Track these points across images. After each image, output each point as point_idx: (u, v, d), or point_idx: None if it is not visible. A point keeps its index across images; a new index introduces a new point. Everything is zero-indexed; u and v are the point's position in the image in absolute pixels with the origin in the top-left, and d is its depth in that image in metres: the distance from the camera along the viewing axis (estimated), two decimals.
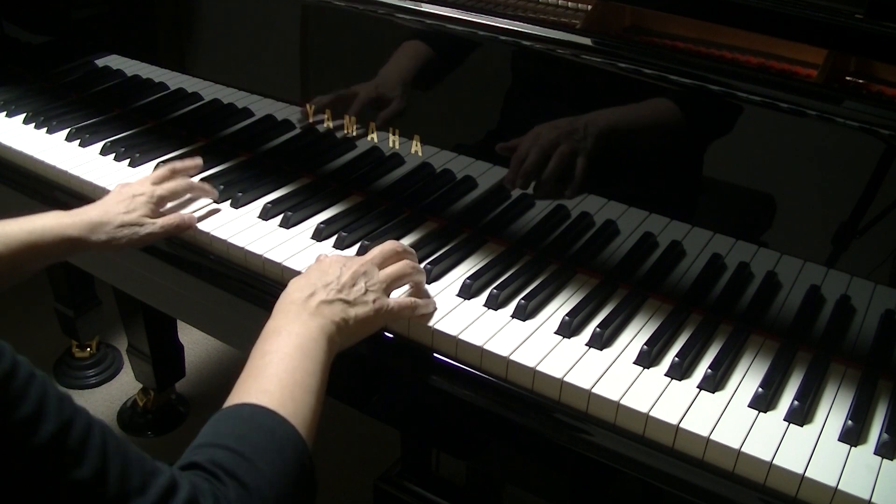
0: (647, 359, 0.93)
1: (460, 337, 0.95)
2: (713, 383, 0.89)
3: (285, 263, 1.07)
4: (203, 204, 1.20)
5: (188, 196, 1.19)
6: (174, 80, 1.40)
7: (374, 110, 1.16)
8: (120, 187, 1.13)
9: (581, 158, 1.02)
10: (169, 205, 1.16)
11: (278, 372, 0.78)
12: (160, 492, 0.61)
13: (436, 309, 0.99)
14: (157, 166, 1.30)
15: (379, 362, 1.01)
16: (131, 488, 0.60)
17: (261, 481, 0.68)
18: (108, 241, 1.05)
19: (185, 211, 1.17)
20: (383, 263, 0.97)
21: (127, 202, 1.08)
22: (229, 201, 1.21)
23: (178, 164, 1.20)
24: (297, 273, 1.05)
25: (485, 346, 0.94)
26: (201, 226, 1.15)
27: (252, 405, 0.74)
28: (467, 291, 1.02)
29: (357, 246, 1.11)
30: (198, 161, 1.23)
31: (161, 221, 1.10)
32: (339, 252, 1.11)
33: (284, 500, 0.70)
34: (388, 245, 0.99)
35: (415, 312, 0.97)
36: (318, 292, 0.88)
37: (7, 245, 0.95)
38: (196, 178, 1.26)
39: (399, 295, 0.99)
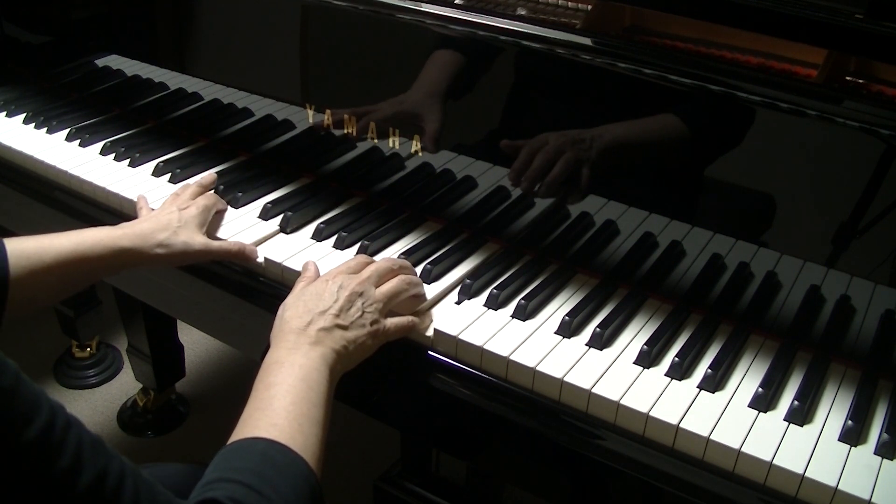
0: (647, 359, 0.93)
1: (460, 337, 0.95)
2: (713, 383, 0.89)
3: (285, 263, 1.07)
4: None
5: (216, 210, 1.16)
6: (174, 80, 1.40)
7: (411, 126, 1.15)
8: (168, 202, 1.12)
9: (585, 168, 1.02)
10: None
11: (285, 405, 0.78)
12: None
13: (432, 320, 0.99)
14: (156, 167, 1.30)
15: (379, 362, 1.01)
16: (107, 495, 0.60)
17: None
18: (160, 255, 1.02)
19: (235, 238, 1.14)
20: (379, 281, 0.96)
21: (177, 215, 1.06)
22: (229, 201, 1.21)
23: (205, 180, 1.19)
24: (297, 273, 1.05)
25: (485, 346, 0.94)
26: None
27: (265, 440, 0.74)
28: (467, 291, 1.02)
29: (357, 246, 1.11)
30: (213, 176, 1.23)
31: (218, 244, 1.07)
32: (338, 252, 1.11)
33: None
34: (384, 263, 0.99)
35: (414, 330, 0.97)
36: (315, 320, 0.88)
37: (56, 258, 0.93)
38: (196, 178, 1.26)
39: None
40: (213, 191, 1.20)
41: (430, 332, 0.97)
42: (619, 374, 0.91)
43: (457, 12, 1.06)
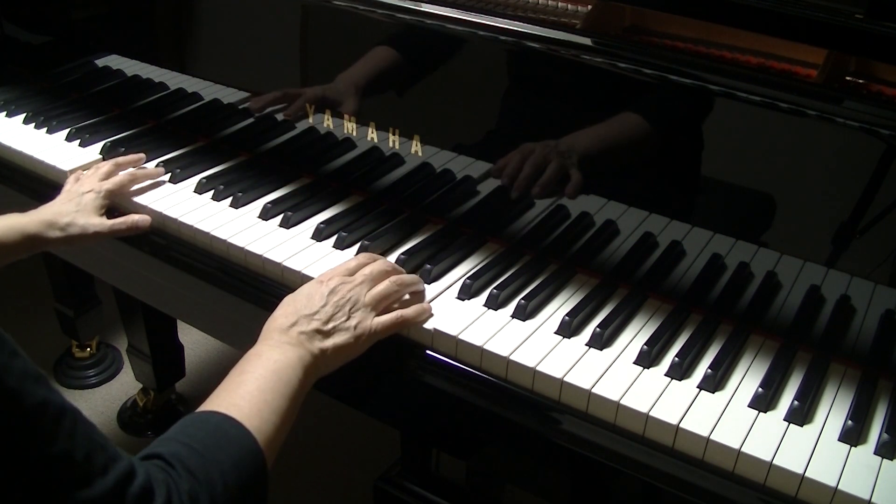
0: (647, 359, 0.93)
1: (460, 337, 0.95)
2: (713, 383, 0.89)
3: (285, 263, 1.07)
4: (197, 208, 1.20)
5: (143, 184, 1.24)
6: (174, 80, 1.40)
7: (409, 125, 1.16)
8: (70, 184, 1.20)
9: (574, 171, 1.03)
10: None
11: (251, 390, 0.83)
12: (119, 476, 0.65)
13: (430, 316, 0.99)
14: (156, 166, 1.30)
15: (379, 362, 1.01)
16: (94, 469, 0.64)
17: (214, 479, 0.73)
18: (62, 238, 1.12)
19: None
20: (373, 284, 0.97)
21: (76, 200, 1.15)
22: (229, 201, 1.21)
23: (122, 159, 1.27)
24: (297, 273, 1.05)
25: (485, 346, 0.94)
26: (201, 226, 1.15)
27: (221, 414, 0.79)
28: (467, 291, 1.02)
29: (357, 246, 1.11)
30: (140, 155, 1.30)
31: (111, 223, 1.16)
32: (338, 252, 1.11)
33: (232, 502, 0.74)
34: (379, 265, 1.00)
35: (404, 326, 0.97)
36: (300, 322, 0.91)
37: None
38: (196, 178, 1.26)
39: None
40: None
41: (429, 332, 0.97)
42: (619, 374, 0.91)
43: (457, 12, 1.06)
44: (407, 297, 1.00)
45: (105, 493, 0.64)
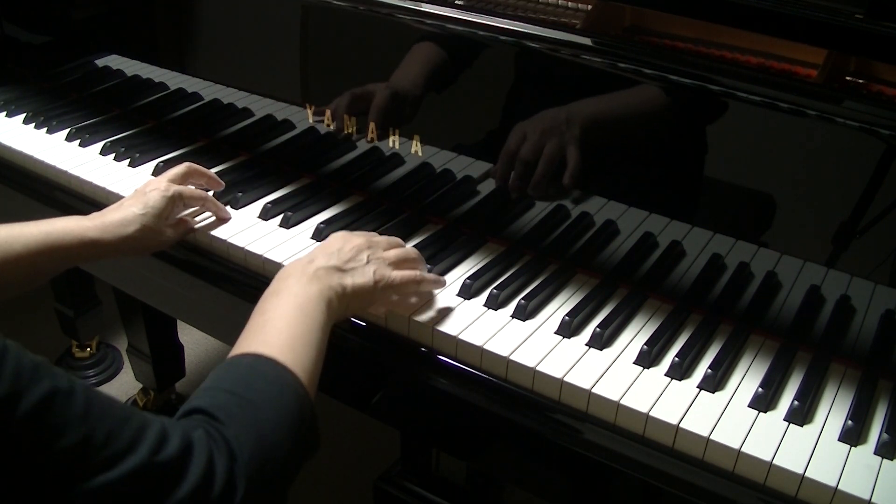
0: (647, 359, 0.93)
1: (460, 337, 0.95)
2: (713, 383, 0.89)
3: (285, 263, 1.07)
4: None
5: (205, 206, 1.15)
6: (174, 80, 1.40)
7: (390, 116, 1.15)
8: (142, 187, 1.10)
9: (572, 149, 1.02)
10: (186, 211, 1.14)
11: (279, 327, 0.80)
12: (151, 445, 0.61)
13: (444, 284, 1.01)
14: (156, 167, 1.30)
15: (379, 362, 1.01)
16: (119, 448, 0.60)
17: (261, 422, 0.69)
18: (123, 246, 1.03)
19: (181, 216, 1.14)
20: (388, 248, 0.99)
21: (143, 200, 1.05)
22: (229, 201, 1.21)
23: (197, 168, 1.15)
24: None
25: (485, 346, 0.94)
26: (201, 226, 1.15)
27: (253, 354, 0.76)
28: (467, 291, 1.02)
29: None
30: (221, 183, 1.19)
31: (175, 233, 1.09)
32: None
33: (283, 444, 0.70)
34: (395, 239, 1.02)
35: (419, 286, 0.98)
36: (317, 259, 0.90)
37: (26, 246, 0.94)
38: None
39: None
40: (203, 192, 1.15)
41: (429, 331, 0.97)
42: (619, 374, 0.91)
43: (457, 12, 1.06)
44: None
45: (138, 467, 0.60)
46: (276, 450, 0.69)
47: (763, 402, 0.87)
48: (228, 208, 1.19)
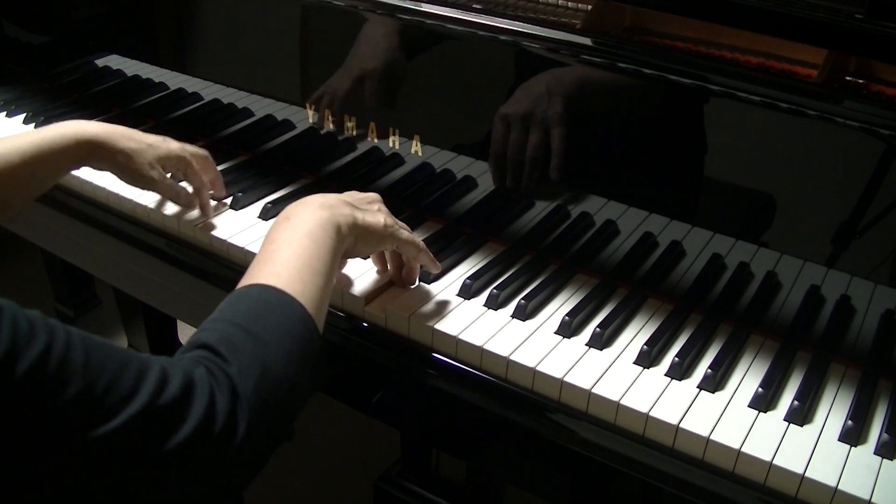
0: (647, 359, 0.93)
1: (460, 337, 0.95)
2: (713, 383, 0.89)
3: None
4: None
5: (210, 176, 1.17)
6: (174, 80, 1.40)
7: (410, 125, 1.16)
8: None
9: (558, 128, 1.01)
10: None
11: (287, 255, 0.79)
12: (152, 389, 0.61)
13: (439, 269, 1.02)
14: None
15: (379, 362, 1.01)
16: (121, 395, 0.60)
17: (266, 356, 0.69)
18: (133, 150, 1.04)
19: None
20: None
21: (156, 137, 1.08)
22: (229, 201, 1.21)
23: (214, 166, 1.17)
24: None
25: (485, 346, 0.94)
26: (201, 226, 1.15)
27: (260, 285, 0.75)
28: (467, 291, 1.02)
29: None
30: (223, 191, 1.20)
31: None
32: None
33: (289, 377, 0.70)
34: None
35: (418, 255, 0.98)
36: (330, 196, 0.91)
37: (22, 157, 0.95)
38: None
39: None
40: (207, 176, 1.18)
41: (429, 331, 0.97)
42: (619, 374, 0.91)
43: (457, 12, 1.06)
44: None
45: (139, 412, 0.59)
46: (280, 384, 0.69)
47: (763, 402, 0.87)
48: (228, 208, 1.19)
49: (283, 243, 0.81)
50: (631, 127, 1.01)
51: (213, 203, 1.17)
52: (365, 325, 1.01)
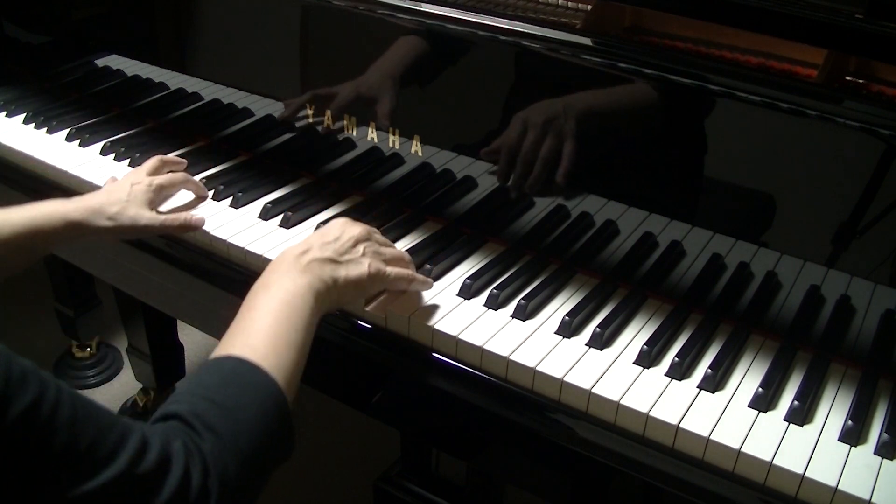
0: (647, 359, 0.93)
1: (460, 337, 0.95)
2: (713, 383, 0.89)
3: None
4: (196, 209, 1.20)
5: (182, 190, 1.19)
6: (174, 80, 1.40)
7: (365, 108, 1.16)
8: (114, 178, 1.16)
9: (570, 142, 1.02)
10: (169, 204, 1.16)
11: (263, 327, 0.80)
12: (131, 455, 0.62)
13: (431, 286, 1.01)
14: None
15: (379, 362, 1.01)
16: (102, 456, 0.61)
17: (237, 432, 0.70)
18: (109, 228, 1.06)
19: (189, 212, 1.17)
20: (385, 245, 0.99)
21: (126, 190, 1.09)
22: (229, 201, 1.21)
23: (166, 157, 1.21)
24: None
25: (485, 346, 0.94)
26: (181, 220, 1.15)
27: (235, 358, 0.76)
28: (467, 291, 1.02)
29: None
30: (183, 161, 1.24)
31: (163, 218, 1.11)
32: None
33: (260, 452, 0.72)
34: (397, 251, 1.01)
35: (410, 285, 0.98)
36: (312, 249, 0.90)
37: (12, 229, 0.97)
38: (196, 178, 1.26)
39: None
40: (196, 177, 1.21)
41: (429, 331, 0.97)
42: (619, 374, 0.91)
43: (457, 12, 1.06)
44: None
45: (117, 477, 0.61)
46: (249, 461, 0.71)
47: (763, 402, 0.87)
48: (228, 208, 1.19)
49: (261, 312, 0.82)
50: (632, 129, 1.01)
51: (197, 215, 1.16)
52: (365, 325, 1.01)
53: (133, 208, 1.08)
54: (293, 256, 0.89)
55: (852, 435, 0.84)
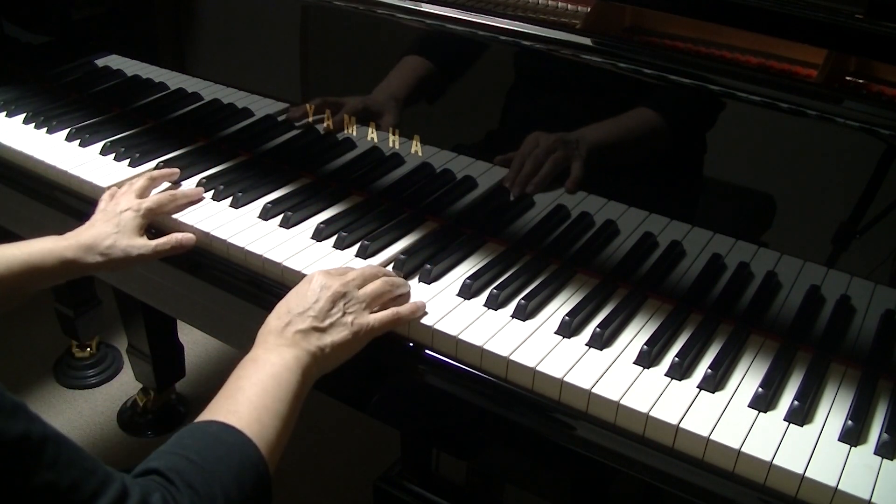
0: (647, 359, 0.93)
1: (460, 337, 0.95)
2: (713, 383, 0.89)
3: (285, 263, 1.07)
4: (196, 208, 1.19)
5: (176, 204, 1.17)
6: (174, 80, 1.40)
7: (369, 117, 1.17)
8: (105, 203, 1.15)
9: (577, 164, 1.03)
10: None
11: (249, 396, 0.82)
12: (111, 500, 0.63)
13: (425, 313, 0.99)
14: (156, 167, 1.30)
15: (379, 362, 1.01)
16: (82, 497, 0.62)
17: (215, 492, 0.71)
18: (103, 263, 1.07)
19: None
20: (364, 283, 0.97)
21: (115, 220, 1.10)
22: (229, 201, 1.21)
23: (156, 173, 1.22)
24: (297, 273, 1.05)
25: (485, 346, 0.94)
26: (201, 226, 1.15)
27: (219, 423, 0.78)
28: (467, 291, 1.02)
29: (357, 246, 1.11)
30: (175, 171, 1.24)
31: (154, 243, 1.10)
32: (338, 252, 1.11)
33: None
34: (368, 269, 1.01)
35: (399, 323, 0.97)
36: (294, 321, 0.90)
37: (8, 268, 0.99)
38: (196, 178, 1.26)
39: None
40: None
41: (429, 331, 0.97)
42: (619, 374, 0.91)
43: (457, 12, 1.06)
44: (399, 293, 1.00)
45: None
46: None
47: (763, 402, 0.87)
48: (228, 208, 1.19)
49: (248, 383, 0.83)
50: (633, 130, 1.01)
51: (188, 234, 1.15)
52: None
53: (124, 239, 1.08)
54: (277, 330, 0.90)
55: (852, 435, 0.84)
